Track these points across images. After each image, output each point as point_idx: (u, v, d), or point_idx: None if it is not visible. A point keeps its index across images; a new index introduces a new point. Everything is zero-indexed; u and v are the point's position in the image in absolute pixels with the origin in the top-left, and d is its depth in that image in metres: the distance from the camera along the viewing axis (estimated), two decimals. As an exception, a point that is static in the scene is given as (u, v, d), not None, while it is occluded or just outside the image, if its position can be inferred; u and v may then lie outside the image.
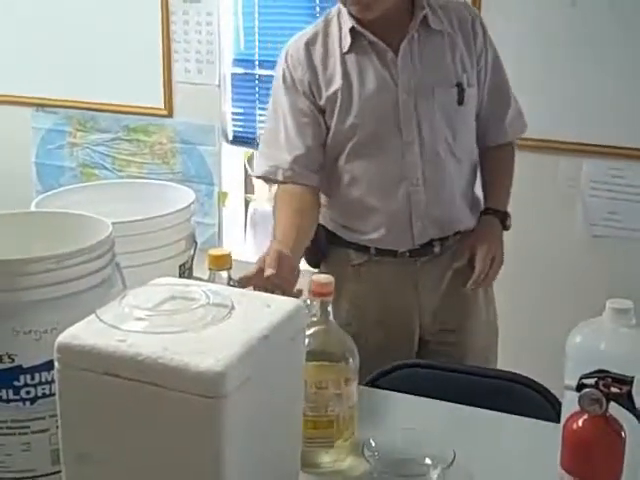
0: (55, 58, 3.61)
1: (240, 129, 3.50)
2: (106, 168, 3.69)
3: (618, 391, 1.09)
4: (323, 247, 1.97)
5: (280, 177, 1.88)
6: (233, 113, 3.50)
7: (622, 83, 2.73)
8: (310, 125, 1.87)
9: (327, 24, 1.89)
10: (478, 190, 2.02)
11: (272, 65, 3.26)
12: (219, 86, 3.43)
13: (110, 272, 1.32)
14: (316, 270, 2.00)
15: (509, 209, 1.99)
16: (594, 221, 2.89)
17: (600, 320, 1.28)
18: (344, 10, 1.85)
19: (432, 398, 1.57)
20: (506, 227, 1.98)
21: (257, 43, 3.39)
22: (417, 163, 1.86)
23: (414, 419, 1.48)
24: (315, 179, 1.88)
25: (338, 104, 1.85)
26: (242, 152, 3.54)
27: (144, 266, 1.51)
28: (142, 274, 1.29)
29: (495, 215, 1.97)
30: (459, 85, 1.85)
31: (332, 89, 1.85)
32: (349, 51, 1.85)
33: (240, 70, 3.45)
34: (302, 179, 1.86)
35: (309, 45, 1.87)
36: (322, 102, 1.87)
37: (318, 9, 3.19)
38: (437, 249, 1.93)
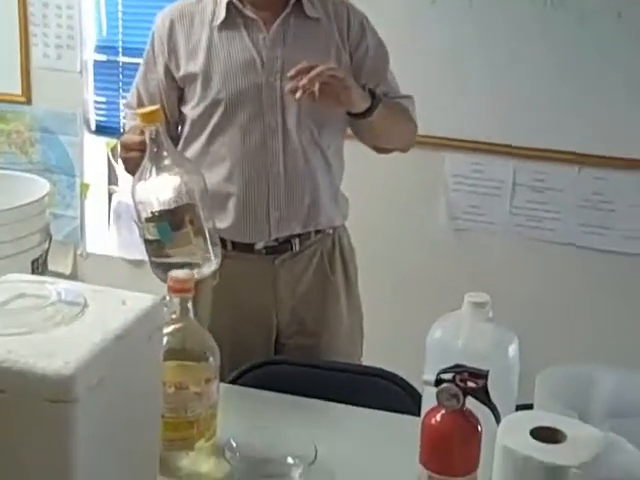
0: None
1: (103, 118, 3.39)
2: (-42, 156, 3.50)
3: (474, 385, 1.11)
4: None
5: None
6: (96, 102, 3.38)
7: (486, 79, 2.81)
8: (155, 99, 1.88)
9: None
10: (345, 190, 2.01)
11: (136, 52, 3.20)
12: (81, 73, 3.31)
13: (-48, 268, 1.25)
14: None
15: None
16: (456, 215, 2.96)
17: (459, 314, 1.30)
18: None
19: (295, 395, 1.56)
20: (373, 103, 1.78)
21: (120, 29, 3.30)
22: (279, 151, 1.84)
23: (276, 417, 1.47)
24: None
25: (200, 79, 1.83)
26: (105, 142, 3.42)
27: (-7, 261, 1.43)
28: (-10, 270, 1.22)
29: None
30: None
31: (193, 64, 1.84)
32: (221, 26, 1.83)
33: (103, 57, 3.34)
34: None
35: (175, 22, 1.87)
36: (181, 77, 1.86)
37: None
38: (297, 247, 1.91)
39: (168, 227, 1.44)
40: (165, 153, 1.45)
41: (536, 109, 2.79)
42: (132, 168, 1.59)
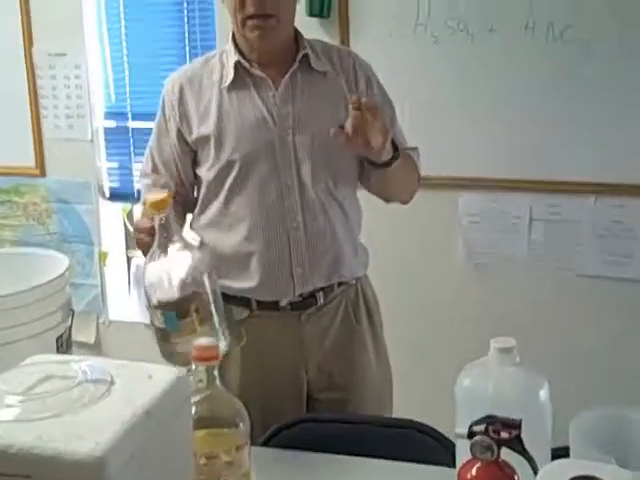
0: None
1: (117, 184, 3.41)
2: (-24, 233, 3.54)
3: (508, 436, 1.09)
4: None
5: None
6: (108, 168, 3.41)
7: (493, 115, 2.82)
8: (170, 164, 1.91)
9: (207, 61, 1.91)
10: (361, 237, 2.01)
11: (145, 117, 3.25)
12: (92, 141, 3.35)
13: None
14: None
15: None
16: (474, 254, 2.94)
17: (485, 361, 1.29)
18: (229, 49, 1.87)
19: (326, 452, 1.55)
20: (394, 155, 1.80)
21: (128, 95, 3.34)
22: (297, 207, 1.84)
23: (309, 476, 1.45)
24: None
25: (212, 141, 1.84)
26: (121, 208, 3.45)
27: (16, 343, 1.43)
28: (15, 352, 1.23)
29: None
30: (341, 127, 1.78)
31: (205, 127, 1.85)
32: (230, 87, 1.84)
33: (113, 123, 3.38)
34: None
35: (184, 86, 1.88)
36: (193, 141, 1.87)
37: (188, 57, 3.16)
38: (321, 301, 1.90)
39: (174, 316, 1.46)
40: (174, 238, 1.47)
41: (547, 142, 2.78)
42: (144, 250, 1.61)
